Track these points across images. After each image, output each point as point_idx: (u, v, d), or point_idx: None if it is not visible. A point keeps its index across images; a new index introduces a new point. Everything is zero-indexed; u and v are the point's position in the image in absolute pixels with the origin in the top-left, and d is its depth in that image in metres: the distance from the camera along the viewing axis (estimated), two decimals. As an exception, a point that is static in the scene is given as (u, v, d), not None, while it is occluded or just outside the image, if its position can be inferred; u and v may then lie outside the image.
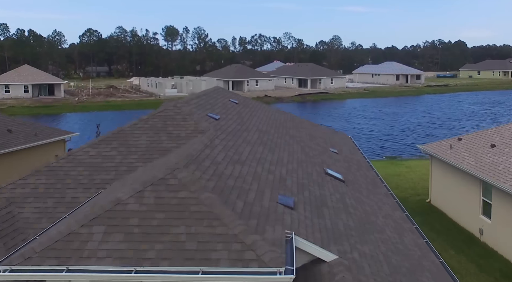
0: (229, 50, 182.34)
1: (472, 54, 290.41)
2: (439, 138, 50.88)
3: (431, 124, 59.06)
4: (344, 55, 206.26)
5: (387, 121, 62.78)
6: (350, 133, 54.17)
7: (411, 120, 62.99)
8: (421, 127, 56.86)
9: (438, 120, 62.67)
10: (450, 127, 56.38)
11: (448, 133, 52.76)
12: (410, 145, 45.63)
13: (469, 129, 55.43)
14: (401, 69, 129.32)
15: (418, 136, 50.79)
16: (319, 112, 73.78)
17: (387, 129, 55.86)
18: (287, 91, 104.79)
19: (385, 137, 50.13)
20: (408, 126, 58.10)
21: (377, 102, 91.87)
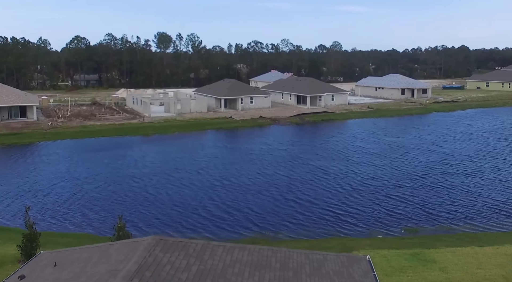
0: (224, 58, 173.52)
1: (475, 59, 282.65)
2: (457, 194, 41.17)
3: (443, 166, 50.67)
4: (344, 61, 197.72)
5: (392, 159, 54.42)
6: (350, 182, 45.32)
7: (420, 159, 54.59)
8: (432, 172, 48.50)
9: (451, 159, 54.26)
10: (467, 172, 48.01)
11: (468, 182, 44.60)
12: (422, 207, 37.37)
13: (491, 175, 47.29)
14: (407, 82, 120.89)
15: (430, 188, 42.40)
16: (316, 144, 65.32)
17: (393, 174, 47.52)
18: (284, 110, 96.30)
19: (391, 191, 41.77)
20: (417, 169, 49.76)
21: (381, 124, 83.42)
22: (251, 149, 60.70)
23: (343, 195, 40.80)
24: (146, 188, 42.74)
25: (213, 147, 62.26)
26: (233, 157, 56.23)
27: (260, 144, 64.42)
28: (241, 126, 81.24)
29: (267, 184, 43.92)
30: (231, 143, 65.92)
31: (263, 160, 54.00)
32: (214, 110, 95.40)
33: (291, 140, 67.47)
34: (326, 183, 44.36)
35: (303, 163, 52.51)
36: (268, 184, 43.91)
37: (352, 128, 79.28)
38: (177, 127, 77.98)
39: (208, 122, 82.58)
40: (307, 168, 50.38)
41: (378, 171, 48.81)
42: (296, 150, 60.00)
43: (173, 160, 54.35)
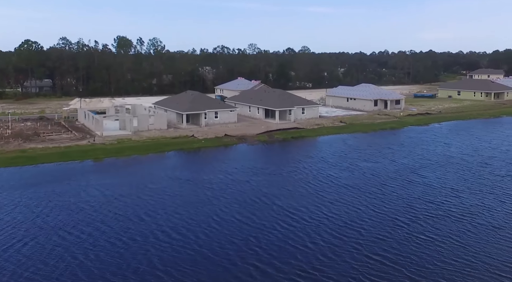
0: (189, 63, 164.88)
1: (442, 63, 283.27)
2: (449, 250, 32.66)
3: (427, 206, 44.78)
4: (313, 65, 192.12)
5: (368, 195, 48.21)
6: (322, 232, 37.45)
7: (399, 194, 48.63)
8: (415, 215, 42.66)
9: (433, 194, 48.42)
10: (454, 215, 42.24)
11: (457, 231, 38.73)
12: (410, 272, 31.15)
13: (482, 218, 41.74)
14: (379, 93, 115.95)
15: (417, 242, 36.15)
16: (283, 172, 58.64)
17: (371, 220, 41.31)
18: (251, 126, 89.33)
19: (371, 247, 35.29)
20: (398, 210, 43.74)
21: (354, 143, 77.67)
22: (210, 181, 53.28)
23: (314, 254, 33.97)
24: (70, 248, 34.66)
25: (167, 179, 54.30)
26: (187, 194, 48.55)
27: (221, 172, 57.08)
28: (204, 146, 73.80)
29: (223, 238, 36.60)
30: (189, 172, 58.13)
31: (222, 198, 46.70)
32: (175, 126, 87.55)
33: (256, 167, 60.34)
34: (293, 235, 37.48)
35: (267, 202, 45.54)
36: (224, 239, 36.60)
37: (324, 149, 72.93)
38: (132, 149, 69.81)
39: (167, 143, 74.67)
40: (271, 210, 43.41)
41: (354, 214, 42.33)
42: (261, 182, 52.90)
43: (116, 199, 46.19)
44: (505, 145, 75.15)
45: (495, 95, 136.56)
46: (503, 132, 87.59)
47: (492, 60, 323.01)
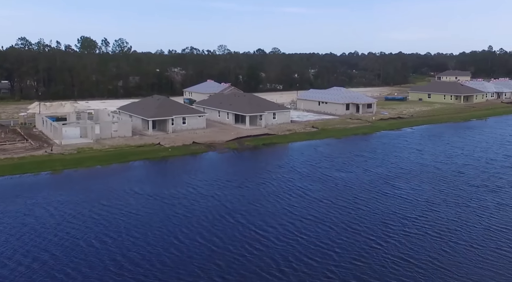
0: (157, 65, 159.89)
1: (411, 65, 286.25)
2: None
3: (402, 223, 42.79)
4: (284, 67, 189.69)
5: (340, 211, 45.85)
6: (291, 262, 31.69)
7: (373, 209, 46.54)
8: (391, 233, 40.53)
9: (409, 208, 46.48)
10: (431, 235, 40.22)
11: (438, 256, 36.72)
12: None
13: (462, 240, 39.93)
14: (351, 97, 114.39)
15: (395, 275, 33.90)
16: (251, 184, 55.81)
17: (343, 245, 38.97)
18: (221, 132, 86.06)
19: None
20: (374, 231, 41.54)
21: (327, 150, 75.50)
22: (173, 196, 49.63)
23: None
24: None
25: (127, 194, 50.19)
26: (147, 213, 44.66)
27: (187, 186, 53.56)
28: (171, 155, 70.11)
29: (182, 268, 33.00)
30: (152, 186, 54.28)
31: (185, 217, 43.13)
32: (140, 133, 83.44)
33: (223, 178, 57.09)
34: (260, 261, 34.22)
35: (233, 221, 42.34)
36: (184, 268, 33.02)
37: (295, 157, 70.33)
38: (93, 159, 65.49)
39: (131, 152, 70.58)
40: (237, 230, 40.15)
41: (326, 233, 39.52)
42: (228, 197, 49.62)
43: (65, 220, 41.61)
44: (477, 152, 74.27)
45: (464, 98, 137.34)
46: (473, 138, 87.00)
47: (459, 62, 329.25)
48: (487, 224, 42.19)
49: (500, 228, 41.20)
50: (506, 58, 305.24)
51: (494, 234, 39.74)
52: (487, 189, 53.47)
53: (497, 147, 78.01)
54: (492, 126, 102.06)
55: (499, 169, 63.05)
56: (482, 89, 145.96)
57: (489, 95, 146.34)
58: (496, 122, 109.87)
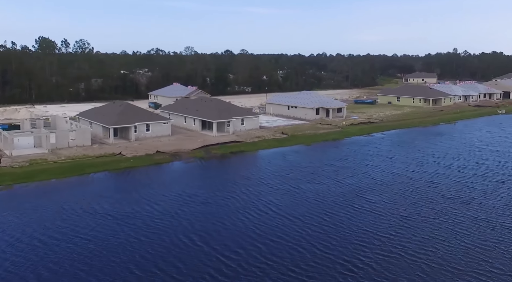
0: (120, 67, 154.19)
1: (379, 66, 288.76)
2: None
3: (375, 243, 40.58)
4: (252, 69, 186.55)
5: (311, 231, 43.28)
6: None
7: (346, 228, 44.15)
8: (368, 263, 38.07)
9: (382, 226, 44.40)
10: (408, 258, 38.10)
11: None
12: None
13: (442, 263, 37.88)
14: (321, 101, 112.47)
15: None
16: (217, 199, 52.72)
17: (316, 275, 36.31)
18: (187, 140, 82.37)
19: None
20: (347, 255, 39.12)
21: (296, 159, 73.16)
22: (132, 214, 45.74)
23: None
24: None
25: (79, 214, 45.80)
26: (101, 235, 40.65)
27: (148, 202, 49.67)
28: (133, 166, 65.98)
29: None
30: (110, 203, 50.08)
31: (144, 240, 39.41)
32: (101, 141, 78.87)
33: (187, 193, 53.42)
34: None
35: (197, 244, 38.85)
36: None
37: (264, 167, 67.43)
38: (46, 172, 60.72)
39: (90, 163, 66.05)
40: (201, 255, 36.71)
41: (297, 256, 36.62)
42: (192, 215, 45.97)
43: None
44: (448, 159, 73.17)
45: (433, 102, 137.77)
46: (443, 144, 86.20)
47: (425, 64, 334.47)
48: (464, 242, 40.22)
49: (478, 246, 39.29)
50: (470, 60, 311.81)
51: (473, 254, 37.75)
52: (461, 200, 51.86)
53: (467, 154, 77.21)
54: (461, 131, 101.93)
55: (471, 178, 61.84)
56: (450, 92, 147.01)
57: (457, 98, 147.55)
58: (465, 126, 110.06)
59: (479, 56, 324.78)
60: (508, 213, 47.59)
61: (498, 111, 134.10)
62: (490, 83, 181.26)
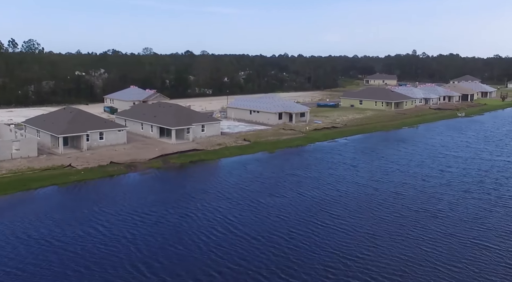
0: (74, 69, 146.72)
1: (340, 68, 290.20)
2: None
3: (344, 273, 37.89)
4: (213, 71, 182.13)
5: (268, 270, 40.26)
6: None
7: (311, 263, 41.30)
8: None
9: (350, 252, 41.92)
10: (378, 279, 35.68)
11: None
12: None
13: None
14: (284, 106, 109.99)
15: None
16: (171, 218, 49.10)
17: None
18: (144, 149, 77.92)
19: None
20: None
21: (258, 169, 70.31)
22: (73, 241, 41.13)
23: None
24: None
25: (11, 242, 41.09)
26: (32, 269, 36.28)
27: (93, 224, 45.12)
28: (83, 179, 61.16)
29: None
30: (49, 226, 45.11)
31: (83, 272, 35.28)
32: (50, 151, 73.40)
33: (140, 210, 49.27)
34: None
35: (145, 276, 35.18)
36: None
37: (224, 178, 63.96)
38: (-17, 189, 55.12)
39: (35, 177, 60.63)
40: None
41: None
42: (142, 240, 41.91)
43: None
44: (412, 167, 71.90)
45: (395, 105, 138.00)
46: (407, 150, 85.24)
47: (385, 65, 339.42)
48: (434, 263, 38.09)
49: (449, 267, 37.25)
50: (428, 62, 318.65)
51: (444, 277, 35.68)
52: (428, 214, 50.09)
53: (430, 161, 76.25)
54: (423, 135, 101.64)
55: (436, 187, 60.47)
56: (411, 95, 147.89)
57: (418, 101, 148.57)
58: (427, 130, 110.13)
59: (437, 58, 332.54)
60: (477, 227, 46.13)
61: (458, 114, 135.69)
62: (449, 86, 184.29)
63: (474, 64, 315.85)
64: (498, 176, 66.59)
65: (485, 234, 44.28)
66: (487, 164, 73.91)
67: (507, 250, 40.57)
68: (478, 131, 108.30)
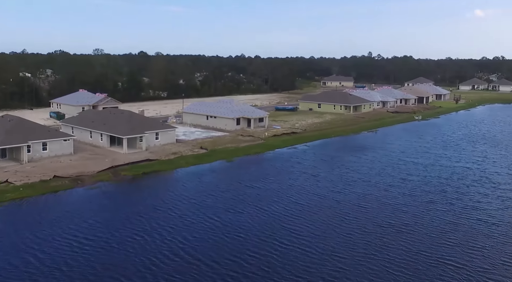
0: (18, 70, 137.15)
1: (297, 70, 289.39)
2: None
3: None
4: (167, 74, 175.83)
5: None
6: None
7: (275, 274, 38.27)
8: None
9: (314, 275, 39.23)
10: None
11: None
12: None
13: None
14: (242, 111, 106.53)
15: None
16: (116, 242, 44.83)
17: None
18: (92, 159, 72.55)
19: None
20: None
21: (215, 180, 66.93)
22: (2, 277, 36.66)
23: None
24: None
25: None
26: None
27: (24, 251, 40.06)
28: (21, 197, 55.49)
29: None
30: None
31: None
32: (-16, 164, 66.84)
33: (81, 235, 44.39)
34: None
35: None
36: None
37: (178, 191, 59.83)
38: None
39: (-36, 195, 54.53)
40: None
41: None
42: (72, 274, 37.31)
43: None
44: (374, 175, 70.11)
45: (353, 108, 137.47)
46: (367, 156, 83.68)
47: (342, 67, 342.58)
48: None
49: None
50: (383, 64, 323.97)
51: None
52: (393, 229, 47.96)
53: (391, 168, 74.80)
54: (382, 141, 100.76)
55: (399, 198, 58.71)
56: (369, 98, 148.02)
57: (375, 104, 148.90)
58: (386, 135, 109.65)
59: (392, 60, 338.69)
60: (443, 243, 44.30)
61: (415, 117, 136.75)
62: (405, 89, 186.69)
63: (427, 66, 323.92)
64: (459, 184, 65.82)
65: (452, 251, 42.48)
66: (447, 171, 73.26)
67: (475, 270, 38.81)
68: (435, 135, 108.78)
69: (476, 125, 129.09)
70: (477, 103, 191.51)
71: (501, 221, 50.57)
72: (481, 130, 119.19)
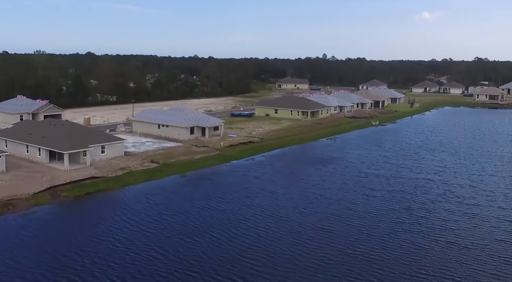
0: None
1: (252, 72, 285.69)
2: None
3: None
4: (117, 75, 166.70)
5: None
6: None
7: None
8: None
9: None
10: None
11: None
12: None
13: None
14: (196, 119, 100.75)
15: None
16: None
17: None
18: (28, 178, 65.05)
19: None
20: None
21: (166, 201, 61.60)
22: None
23: None
24: None
25: None
26: None
27: None
28: None
29: None
30: None
31: None
32: None
33: (7, 279, 38.35)
34: None
35: None
36: None
37: (123, 216, 53.75)
38: None
39: None
40: None
41: None
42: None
43: None
44: (335, 190, 66.47)
45: (311, 114, 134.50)
46: (327, 169, 79.99)
47: (296, 68, 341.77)
48: None
49: None
50: (337, 65, 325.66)
51: None
52: (360, 257, 44.00)
53: (353, 182, 71.47)
54: (342, 150, 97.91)
55: (364, 219, 55.14)
56: (326, 103, 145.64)
57: (333, 109, 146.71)
58: (344, 142, 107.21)
59: (346, 61, 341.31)
60: (415, 274, 40.78)
61: (372, 123, 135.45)
62: (362, 92, 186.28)
63: (380, 68, 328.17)
64: (423, 199, 63.29)
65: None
66: (410, 184, 70.78)
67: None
68: (393, 143, 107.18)
69: (432, 131, 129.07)
70: (431, 106, 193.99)
71: (472, 243, 48.00)
72: (438, 136, 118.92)
